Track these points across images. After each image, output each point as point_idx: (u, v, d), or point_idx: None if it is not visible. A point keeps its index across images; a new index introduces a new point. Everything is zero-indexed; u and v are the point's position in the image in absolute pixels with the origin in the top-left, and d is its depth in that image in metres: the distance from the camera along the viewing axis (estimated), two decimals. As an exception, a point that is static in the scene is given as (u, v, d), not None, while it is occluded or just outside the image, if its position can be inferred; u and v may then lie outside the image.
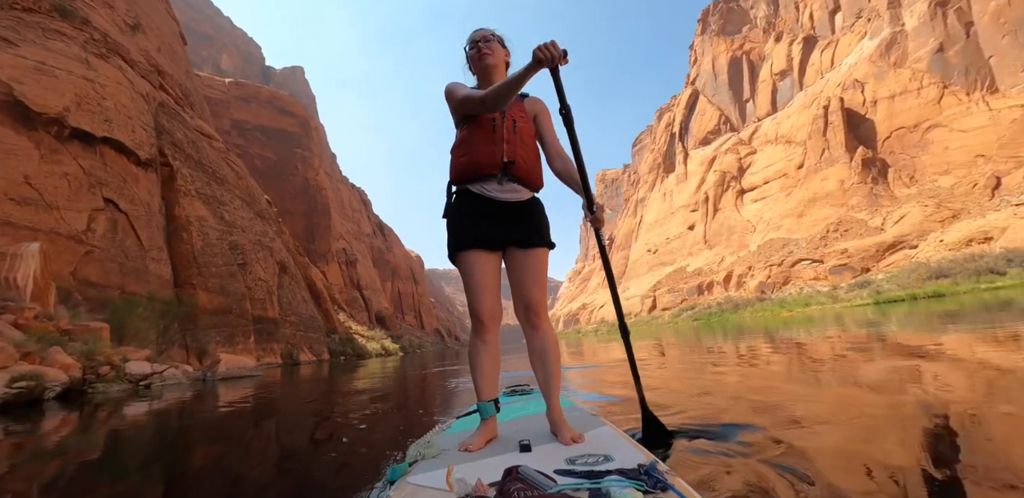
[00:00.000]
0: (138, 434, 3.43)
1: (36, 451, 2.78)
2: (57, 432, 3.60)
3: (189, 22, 77.83)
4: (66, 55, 11.71)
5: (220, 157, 23.46)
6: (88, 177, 10.97)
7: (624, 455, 1.26)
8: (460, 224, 1.69)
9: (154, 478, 2.06)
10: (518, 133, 1.69)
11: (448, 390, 5.18)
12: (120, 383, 6.53)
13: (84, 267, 10.15)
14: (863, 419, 1.98)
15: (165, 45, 26.42)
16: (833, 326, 10.30)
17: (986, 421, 1.79)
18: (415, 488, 1.17)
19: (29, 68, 10.62)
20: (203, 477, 2.05)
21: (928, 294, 26.19)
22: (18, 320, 6.13)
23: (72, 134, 10.88)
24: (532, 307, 1.66)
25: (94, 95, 11.65)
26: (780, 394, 2.82)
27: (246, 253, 20.41)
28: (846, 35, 67.62)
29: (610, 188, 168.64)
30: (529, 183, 1.72)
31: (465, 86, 1.76)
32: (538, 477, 1.04)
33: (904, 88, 52.82)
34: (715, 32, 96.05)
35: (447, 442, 1.64)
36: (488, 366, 1.67)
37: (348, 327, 40.67)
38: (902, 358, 3.88)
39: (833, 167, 55.24)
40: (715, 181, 75.20)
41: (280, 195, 51.99)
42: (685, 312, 55.32)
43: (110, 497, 1.84)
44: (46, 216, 9.58)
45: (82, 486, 1.98)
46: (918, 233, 40.21)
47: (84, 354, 6.29)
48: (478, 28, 1.82)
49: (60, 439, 3.28)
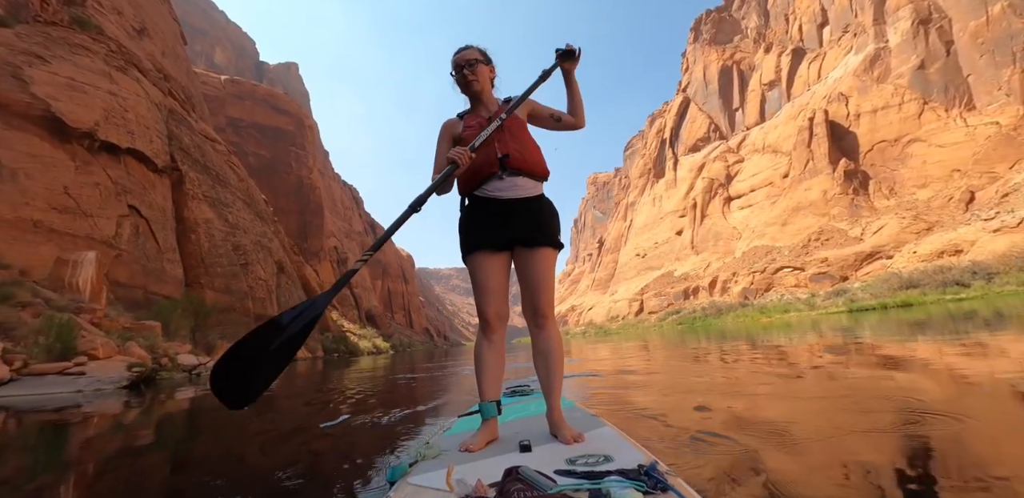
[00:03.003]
0: (214, 405, 4.71)
1: (170, 410, 3.97)
2: (168, 402, 5.02)
3: (184, 16, 77.43)
4: (92, 70, 12.48)
5: (223, 160, 24.14)
6: (115, 186, 11.78)
7: (624, 455, 1.27)
8: (468, 227, 1.75)
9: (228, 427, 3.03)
10: (506, 129, 1.74)
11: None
12: (177, 372, 7.68)
13: (115, 269, 10.96)
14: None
15: (168, 48, 26.98)
16: (811, 332, 10.46)
17: (960, 426, 1.91)
18: (415, 489, 1.18)
19: (62, 85, 11.41)
20: (253, 438, 2.99)
21: (897, 303, 27.48)
22: (92, 319, 7.03)
23: (101, 146, 11.69)
24: (539, 308, 1.68)
25: (118, 108, 12.45)
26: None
27: (248, 254, 21.16)
28: (833, 49, 69.57)
29: (601, 191, 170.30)
30: (531, 172, 1.75)
31: (446, 142, 1.83)
32: (538, 478, 1.05)
33: (886, 103, 54.69)
34: (707, 41, 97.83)
35: (447, 443, 1.66)
36: (493, 367, 1.69)
37: (340, 325, 41.31)
38: (879, 367, 4.11)
39: (817, 177, 56.96)
40: (703, 188, 76.78)
41: (274, 193, 52.30)
42: (671, 316, 56.65)
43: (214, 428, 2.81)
44: (83, 223, 10.39)
45: (201, 427, 2.98)
46: (895, 244, 41.82)
47: (147, 348, 7.30)
48: (460, 49, 1.85)
49: (175, 405, 4.80)
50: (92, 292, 8.07)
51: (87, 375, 5.68)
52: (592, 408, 2.28)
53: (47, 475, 2.19)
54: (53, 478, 2.13)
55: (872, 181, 53.29)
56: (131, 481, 2.05)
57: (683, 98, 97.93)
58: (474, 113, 1.86)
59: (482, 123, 1.77)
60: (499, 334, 1.73)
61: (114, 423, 3.77)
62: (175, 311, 10.60)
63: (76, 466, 2.36)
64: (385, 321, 67.43)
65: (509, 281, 1.79)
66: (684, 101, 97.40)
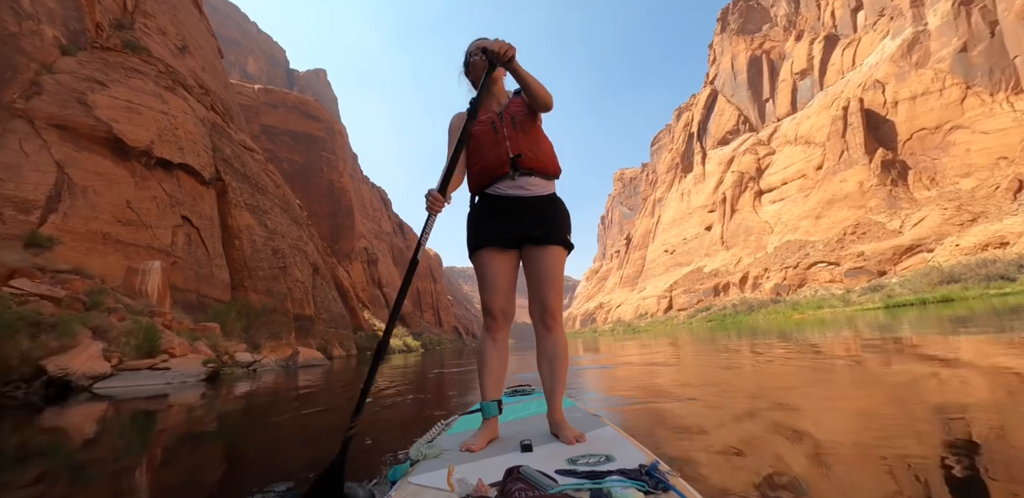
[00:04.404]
0: (276, 394, 5.64)
1: (234, 399, 4.74)
2: (238, 393, 5.86)
3: (217, 28, 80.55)
4: (145, 92, 13.64)
5: (260, 168, 25.43)
6: (169, 198, 12.89)
7: (626, 455, 1.27)
8: (476, 224, 1.74)
9: (287, 411, 3.62)
10: (518, 127, 1.72)
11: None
12: (237, 368, 8.60)
13: (172, 275, 12.03)
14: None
15: (207, 62, 28.51)
16: (847, 329, 10.06)
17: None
18: (416, 488, 1.18)
19: (121, 107, 12.56)
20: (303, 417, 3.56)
21: (937, 299, 26.59)
22: (163, 322, 7.96)
23: (156, 162, 12.81)
24: (548, 309, 1.67)
25: (169, 127, 13.57)
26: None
27: (286, 257, 22.32)
28: (868, 34, 66.96)
29: (628, 187, 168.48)
30: (543, 171, 1.73)
31: (456, 137, 1.78)
32: (539, 477, 1.05)
33: (926, 89, 52.43)
34: (734, 31, 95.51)
35: (448, 442, 1.66)
36: (496, 365, 1.68)
37: (372, 324, 42.63)
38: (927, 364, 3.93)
39: (852, 169, 55.13)
40: (733, 181, 75.24)
41: (307, 197, 54.18)
42: (700, 313, 55.99)
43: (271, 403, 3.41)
44: (144, 233, 11.48)
45: (271, 410, 3.61)
46: (936, 236, 40.21)
47: (211, 347, 8.21)
48: (479, 38, 1.83)
49: (244, 395, 5.61)
50: (159, 297, 9.06)
51: (172, 370, 6.67)
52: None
53: (131, 456, 2.55)
54: (134, 459, 2.51)
55: (912, 171, 51.25)
56: (192, 462, 2.44)
57: (711, 90, 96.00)
58: (484, 107, 1.81)
59: (492, 118, 1.75)
60: (503, 332, 1.72)
61: (194, 410, 4.45)
62: (229, 313, 11.73)
63: (156, 448, 2.82)
64: (415, 320, 68.85)
65: (516, 280, 1.78)
66: (712, 93, 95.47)
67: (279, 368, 11.18)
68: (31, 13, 12.50)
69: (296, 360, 13.27)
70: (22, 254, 8.42)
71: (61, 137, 11.65)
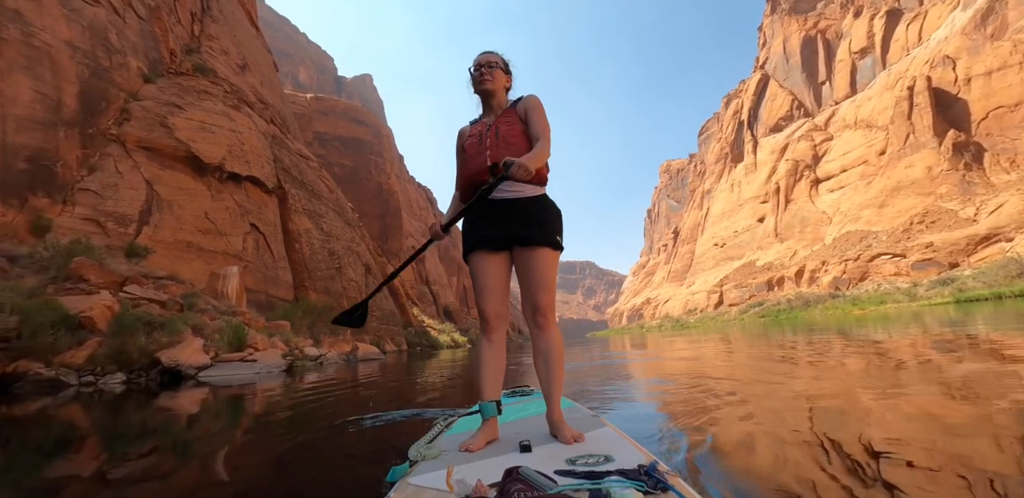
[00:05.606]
0: (340, 381, 6.41)
1: (305, 389, 5.62)
2: (311, 381, 6.75)
3: (271, 41, 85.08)
4: (215, 112, 15.16)
5: (315, 175, 27.13)
6: (239, 208, 14.33)
7: (624, 456, 1.27)
8: (468, 228, 1.81)
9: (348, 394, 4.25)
10: (501, 137, 1.77)
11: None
12: (307, 360, 9.73)
13: (244, 278, 13.41)
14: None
15: (265, 77, 30.58)
16: (914, 326, 9.15)
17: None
18: (416, 489, 1.18)
19: (196, 128, 14.09)
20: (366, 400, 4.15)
21: (1015, 293, 24.72)
22: (244, 321, 9.12)
23: (228, 176, 14.28)
24: (539, 309, 1.69)
25: (237, 142, 15.03)
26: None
27: (340, 258, 23.79)
28: (936, 6, 61.89)
29: (675, 179, 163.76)
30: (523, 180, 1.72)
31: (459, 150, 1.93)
32: (539, 478, 1.05)
33: (1003, 63, 47.98)
34: (786, 11, 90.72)
35: (448, 443, 1.66)
36: (493, 366, 1.71)
37: (421, 321, 44.24)
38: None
39: (919, 153, 51.40)
40: (787, 170, 71.87)
41: (357, 199, 56.63)
42: (753, 308, 54.19)
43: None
44: (220, 241, 12.90)
45: (345, 396, 4.25)
46: (1016, 224, 36.98)
47: (284, 342, 9.33)
48: (485, 51, 1.90)
49: (315, 382, 6.51)
50: (237, 298, 10.30)
51: (258, 362, 7.78)
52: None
53: (220, 435, 2.92)
54: (224, 437, 2.88)
55: (988, 153, 47.18)
56: (260, 442, 2.68)
57: (761, 75, 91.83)
58: (480, 121, 1.92)
59: (482, 131, 1.83)
60: (499, 334, 1.75)
61: (276, 397, 5.21)
62: (296, 312, 13.03)
63: (241, 429, 3.17)
64: (462, 316, 70.40)
65: (510, 282, 1.81)
66: (763, 78, 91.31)
67: (341, 362, 12.40)
68: (119, 48, 14.16)
69: (356, 355, 14.54)
70: (127, 263, 9.80)
71: (148, 157, 13.24)
